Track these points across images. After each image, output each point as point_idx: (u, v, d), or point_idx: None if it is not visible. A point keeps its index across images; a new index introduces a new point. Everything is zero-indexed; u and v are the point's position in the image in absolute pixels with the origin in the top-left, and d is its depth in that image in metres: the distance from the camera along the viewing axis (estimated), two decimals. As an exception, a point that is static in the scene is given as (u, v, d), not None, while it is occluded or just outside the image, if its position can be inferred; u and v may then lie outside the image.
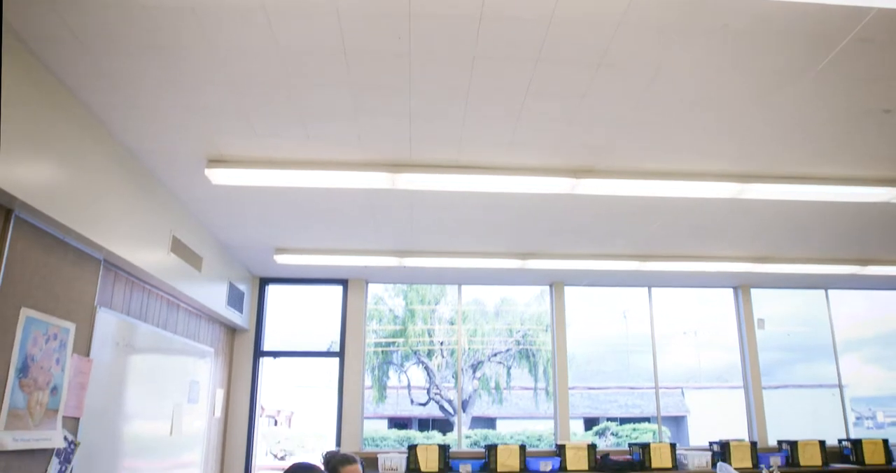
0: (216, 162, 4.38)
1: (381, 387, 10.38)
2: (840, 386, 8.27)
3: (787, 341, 9.37)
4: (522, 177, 4.54)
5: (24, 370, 3.48)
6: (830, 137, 4.13)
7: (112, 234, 4.08)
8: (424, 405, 11.18)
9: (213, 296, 6.06)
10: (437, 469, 6.81)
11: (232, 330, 7.27)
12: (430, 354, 10.58)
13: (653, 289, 8.19)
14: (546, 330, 8.76)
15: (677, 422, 14.95)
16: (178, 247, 5.12)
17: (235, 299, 6.71)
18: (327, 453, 3.73)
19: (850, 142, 4.20)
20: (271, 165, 4.40)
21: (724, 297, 8.43)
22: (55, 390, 3.78)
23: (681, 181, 4.64)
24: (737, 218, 5.65)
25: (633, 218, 5.60)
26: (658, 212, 5.46)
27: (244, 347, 7.38)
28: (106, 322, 4.36)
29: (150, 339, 5.11)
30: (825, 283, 8.27)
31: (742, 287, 8.23)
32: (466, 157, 4.38)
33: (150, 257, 4.67)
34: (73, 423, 4.01)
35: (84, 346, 4.10)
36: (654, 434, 8.99)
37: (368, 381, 9.56)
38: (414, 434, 9.64)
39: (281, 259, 6.52)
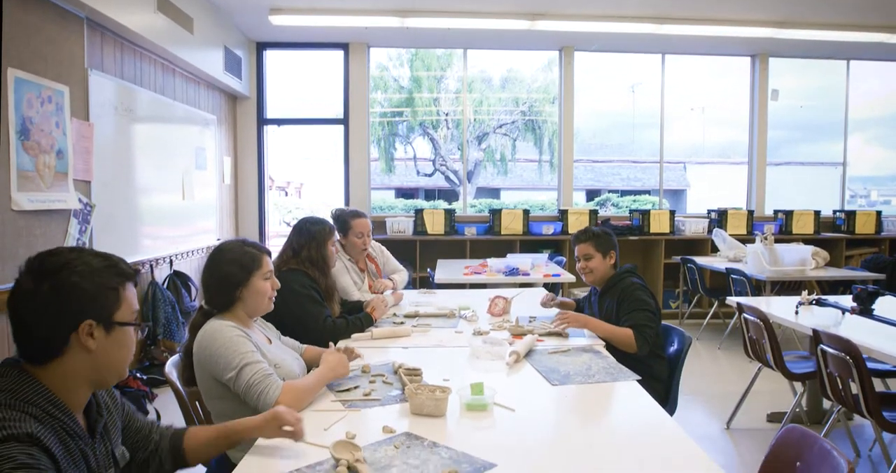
0: None
1: (388, 159, 10.47)
2: (844, 164, 8.29)
3: (796, 119, 9.22)
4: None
5: (24, 132, 3.46)
6: None
7: (91, -12, 3.79)
8: (430, 176, 11.38)
9: (209, 61, 5.82)
10: (443, 232, 7.11)
11: (233, 98, 7.12)
12: (435, 125, 10.51)
13: (666, 57, 7.84)
14: (552, 102, 8.56)
15: (677, 195, 15.35)
16: (165, 6, 4.78)
17: (233, 64, 6.46)
18: (337, 209, 3.81)
19: None
20: None
21: (738, 69, 8.09)
22: (61, 153, 3.79)
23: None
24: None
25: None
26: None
27: (247, 115, 7.28)
28: (100, 85, 4.24)
29: (150, 105, 5.01)
30: (847, 53, 7.88)
31: (760, 55, 7.85)
32: None
33: (136, 16, 4.38)
34: (84, 186, 4.08)
35: (82, 110, 4.04)
36: (653, 205, 9.22)
37: (375, 153, 9.62)
38: (420, 204, 9.93)
39: (276, 20, 6.14)
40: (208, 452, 1.70)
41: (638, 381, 2.32)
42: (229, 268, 2.15)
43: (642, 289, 3.06)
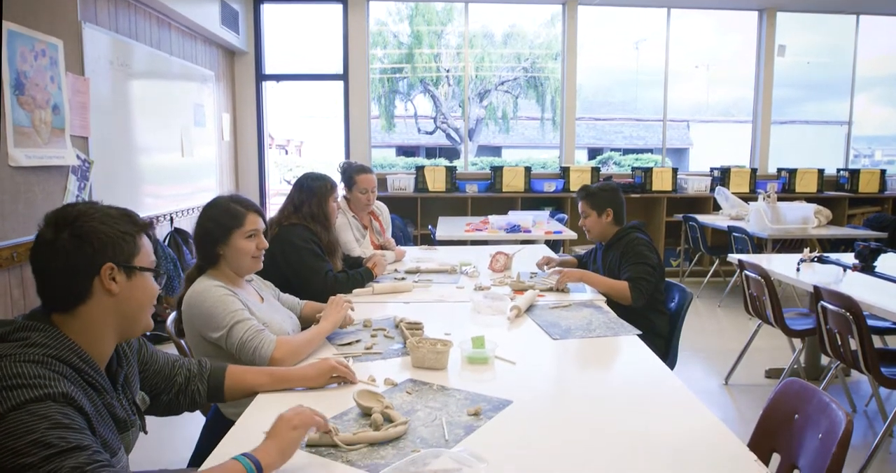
0: None
1: (389, 116, 10.35)
2: (850, 123, 8.19)
3: (802, 77, 9.08)
4: None
5: (19, 87, 3.41)
6: None
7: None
8: (431, 134, 11.28)
9: (206, 15, 5.70)
10: (444, 189, 7.07)
11: (231, 53, 7.00)
12: (436, 82, 10.36)
13: (672, 11, 7.68)
14: (555, 58, 8.42)
15: (679, 154, 15.24)
16: (159, -44, 4.67)
17: (230, 18, 6.33)
18: (344, 162, 3.78)
19: None
20: None
21: (745, 25, 7.93)
22: (57, 109, 3.74)
23: None
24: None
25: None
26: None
27: (245, 71, 7.17)
28: (95, 39, 4.16)
29: (146, 60, 4.93)
30: (857, 7, 7.72)
31: (767, 10, 7.69)
32: None
33: (130, -33, 4.28)
34: (82, 143, 4.04)
35: (76, 64, 3.97)
36: (656, 163, 9.16)
37: (375, 111, 9.51)
38: (422, 161, 9.88)
39: (274, -28, 6.00)
40: (248, 392, 1.77)
41: (638, 336, 2.33)
42: (209, 225, 2.13)
43: (645, 245, 3.05)
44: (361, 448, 1.44)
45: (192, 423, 2.42)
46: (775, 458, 1.73)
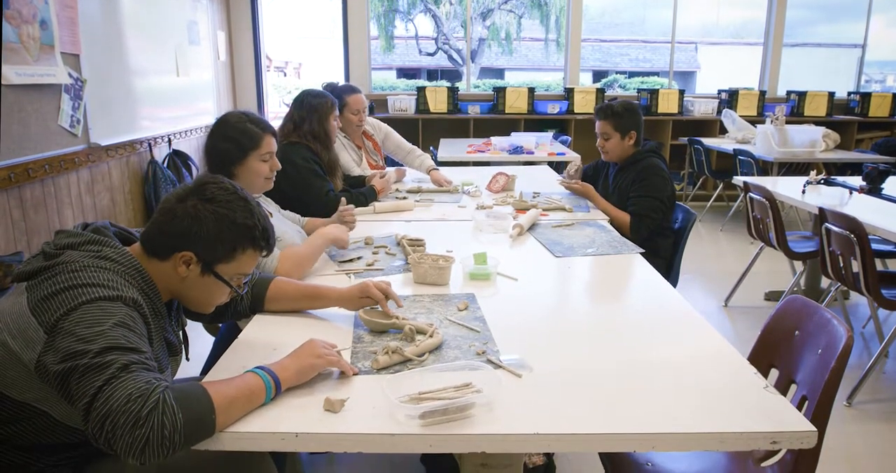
0: None
1: (388, 37, 10.05)
2: (864, 46, 7.92)
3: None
4: None
5: (3, 1, 3.27)
6: None
7: None
8: (433, 55, 11.00)
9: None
10: (446, 110, 6.95)
11: (224, -31, 6.74)
12: (437, 1, 10.01)
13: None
14: (562, -25, 8.10)
15: (686, 78, 14.93)
16: None
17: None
18: (328, 84, 3.64)
19: None
20: None
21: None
22: (45, 24, 3.61)
23: None
24: None
25: None
26: None
27: (239, -14, 6.92)
28: (80, -51, 3.97)
29: (135, -26, 4.73)
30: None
31: (787, -79, 7.33)
32: None
33: None
34: (73, 60, 3.92)
35: (63, -24, 3.80)
36: (662, 86, 8.96)
37: (375, 31, 9.23)
38: (423, 83, 9.68)
39: None
40: (287, 306, 1.76)
41: (641, 255, 2.32)
42: (225, 145, 2.08)
43: (662, 175, 2.97)
44: (428, 358, 1.46)
45: (201, 341, 2.44)
46: (773, 374, 1.74)
